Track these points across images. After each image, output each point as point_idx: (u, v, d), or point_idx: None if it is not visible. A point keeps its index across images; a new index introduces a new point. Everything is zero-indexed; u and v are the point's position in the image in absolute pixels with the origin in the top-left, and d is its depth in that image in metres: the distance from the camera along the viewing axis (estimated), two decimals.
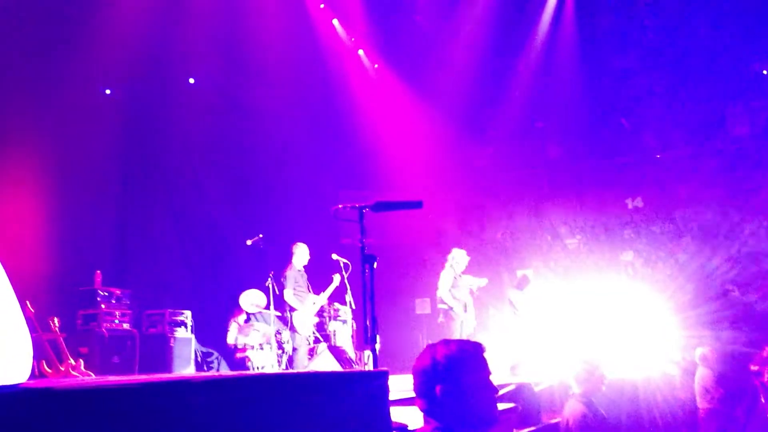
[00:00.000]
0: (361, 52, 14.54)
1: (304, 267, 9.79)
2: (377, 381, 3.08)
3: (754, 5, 13.03)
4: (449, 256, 10.56)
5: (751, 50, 13.46)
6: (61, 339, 8.22)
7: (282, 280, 9.56)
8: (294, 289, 9.51)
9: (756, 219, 13.56)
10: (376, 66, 14.68)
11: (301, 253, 9.72)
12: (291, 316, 9.52)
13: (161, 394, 2.18)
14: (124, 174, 11.63)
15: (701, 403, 9.63)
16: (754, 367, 11.96)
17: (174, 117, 11.80)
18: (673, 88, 13.94)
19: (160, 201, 11.76)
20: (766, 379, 12.18)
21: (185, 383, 2.32)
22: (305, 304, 9.56)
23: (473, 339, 10.05)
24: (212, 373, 9.98)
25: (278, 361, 10.00)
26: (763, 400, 8.41)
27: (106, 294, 9.89)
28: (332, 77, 13.99)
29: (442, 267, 10.61)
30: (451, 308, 10.14)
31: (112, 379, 2.28)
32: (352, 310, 10.11)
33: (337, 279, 9.72)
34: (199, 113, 12.06)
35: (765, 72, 9.91)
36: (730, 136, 13.99)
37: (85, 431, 1.88)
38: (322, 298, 9.83)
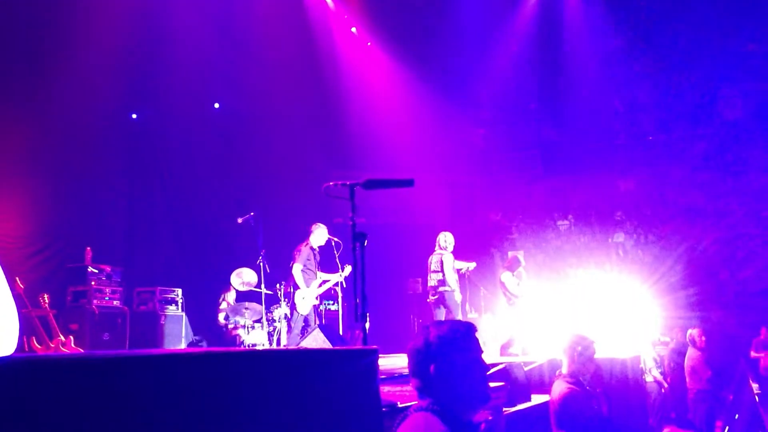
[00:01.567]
0: (353, 29, 14.45)
1: (320, 247, 9.72)
2: (367, 359, 3.07)
3: None
4: (442, 240, 10.56)
5: (745, 33, 13.44)
6: (51, 315, 8.19)
7: (295, 253, 9.51)
8: (304, 265, 9.45)
9: (746, 201, 13.62)
10: (369, 44, 14.59)
11: (319, 233, 9.65)
12: (293, 293, 9.49)
13: (148, 367, 2.17)
14: (115, 151, 11.56)
15: (690, 384, 9.72)
16: (755, 354, 12.08)
17: (164, 94, 11.71)
18: (665, 70, 13.93)
19: (152, 178, 11.71)
20: (763, 368, 12.31)
21: (172, 357, 2.31)
22: (310, 285, 9.52)
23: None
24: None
25: (269, 340, 10.01)
26: (757, 389, 8.47)
27: (97, 271, 9.88)
28: (325, 56, 13.90)
29: (433, 248, 10.62)
30: (453, 291, 10.28)
31: (100, 352, 2.27)
32: (343, 289, 10.09)
33: (348, 268, 9.62)
34: (192, 92, 11.97)
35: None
36: (722, 120, 14.00)
37: (70, 402, 1.87)
38: (330, 282, 9.76)
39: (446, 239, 10.54)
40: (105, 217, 11.37)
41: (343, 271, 9.60)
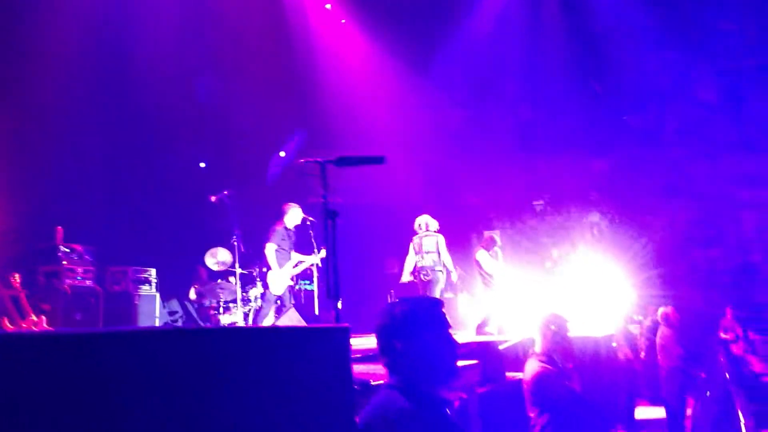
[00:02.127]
0: (328, 6, 14.30)
1: (296, 226, 9.64)
2: (339, 336, 3.05)
3: None
4: (432, 223, 10.64)
5: (720, 15, 13.51)
6: (23, 295, 8.12)
7: (269, 233, 9.43)
8: (278, 245, 9.38)
9: (717, 181, 13.77)
10: (343, 21, 14.45)
11: (293, 213, 9.57)
12: (266, 272, 9.43)
13: (118, 344, 2.14)
14: (86, 127, 11.37)
15: (662, 361, 9.81)
16: (723, 335, 12.25)
17: (137, 65, 11.53)
18: (640, 52, 13.98)
19: (124, 155, 11.53)
20: (734, 350, 12.49)
21: (143, 334, 2.28)
22: (283, 266, 9.46)
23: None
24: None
25: (245, 319, 9.97)
26: (727, 376, 8.57)
27: (68, 250, 9.76)
28: (299, 33, 13.77)
29: (412, 228, 10.67)
30: (448, 272, 10.47)
31: (71, 329, 2.25)
32: (319, 269, 10.07)
33: (323, 253, 9.58)
34: (164, 66, 11.80)
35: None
36: (696, 100, 14.10)
37: (42, 379, 1.84)
38: (306, 264, 9.71)
39: (431, 221, 10.67)
40: (77, 196, 11.21)
41: (318, 253, 9.56)
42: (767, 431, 9.02)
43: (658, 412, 10.56)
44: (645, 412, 11.21)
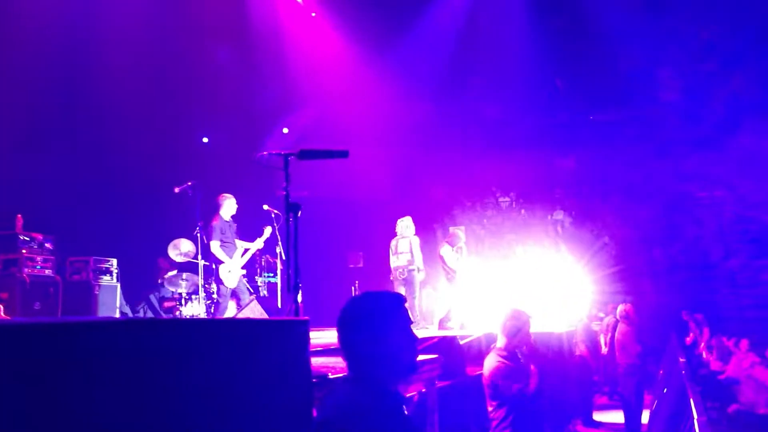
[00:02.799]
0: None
1: (233, 218, 9.58)
2: (298, 329, 3.06)
3: None
4: (407, 225, 10.74)
5: (686, 17, 13.71)
6: None
7: (208, 231, 9.36)
8: (221, 240, 9.32)
9: (679, 181, 14.01)
10: (313, 14, 14.40)
11: (228, 205, 9.50)
12: (217, 268, 9.35)
13: (77, 334, 2.12)
14: (48, 114, 11.18)
15: (620, 358, 9.96)
16: (689, 339, 12.46)
17: (99, 57, 11.36)
18: (605, 51, 14.14)
19: (87, 144, 11.34)
20: (692, 348, 12.71)
21: (101, 324, 2.25)
22: (233, 257, 9.40)
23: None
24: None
25: (206, 311, 9.89)
26: (684, 373, 8.70)
27: (28, 239, 9.58)
28: (267, 24, 13.68)
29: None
30: (421, 271, 10.53)
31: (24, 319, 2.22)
32: (283, 262, 10.02)
33: (268, 230, 9.55)
34: (128, 57, 11.64)
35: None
36: (659, 101, 14.32)
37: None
38: (251, 251, 9.66)
39: (409, 224, 10.77)
40: (37, 184, 11.01)
41: (262, 235, 9.52)
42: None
43: (615, 410, 10.74)
44: (602, 409, 11.39)
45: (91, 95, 11.23)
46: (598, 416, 10.96)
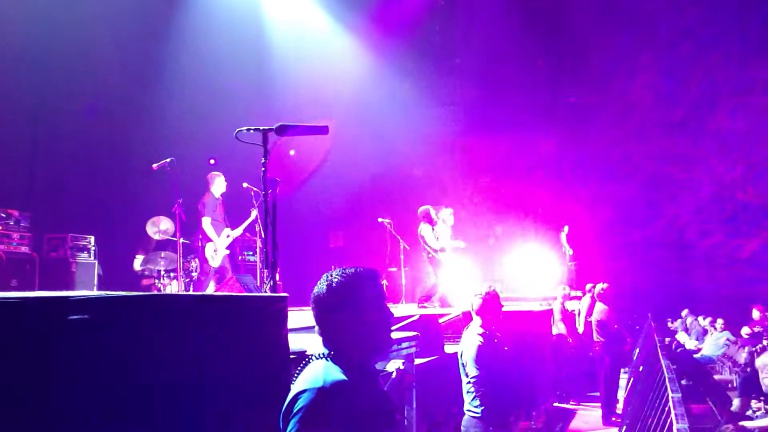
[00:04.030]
0: None
1: (222, 195, 9.55)
2: (275, 305, 3.07)
3: None
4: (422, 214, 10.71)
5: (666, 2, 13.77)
6: None
7: (200, 207, 9.31)
8: (212, 217, 9.28)
9: (656, 161, 14.12)
10: None
11: (218, 183, 9.48)
12: (203, 245, 9.30)
13: (57, 309, 2.12)
14: (26, 91, 11.01)
15: (596, 337, 10.08)
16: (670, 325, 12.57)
17: (80, 38, 11.20)
18: (582, 35, 14.17)
19: (64, 120, 11.19)
20: (668, 327, 12.85)
21: (83, 300, 2.25)
22: (220, 236, 9.37)
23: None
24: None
25: (185, 290, 9.85)
26: (660, 351, 8.83)
27: (4, 215, 9.47)
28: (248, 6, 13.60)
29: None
30: (434, 255, 10.44)
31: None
32: (263, 240, 9.98)
33: (254, 213, 9.48)
34: (106, 33, 11.49)
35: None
36: (642, 83, 14.40)
37: None
38: (237, 231, 9.62)
39: (421, 212, 10.69)
40: (12, 160, 10.88)
41: (249, 218, 9.48)
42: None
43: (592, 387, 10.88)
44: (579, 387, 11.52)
45: (68, 70, 11.07)
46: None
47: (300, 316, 5.33)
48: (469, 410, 5.38)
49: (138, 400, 2.32)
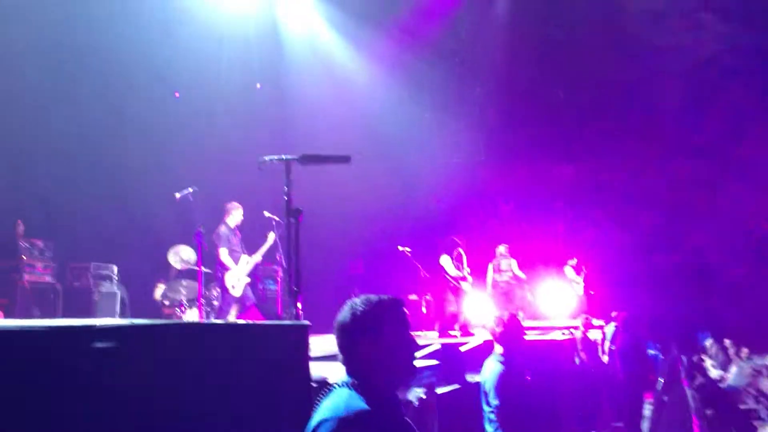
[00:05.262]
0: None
1: (237, 225, 9.53)
2: (297, 333, 3.08)
3: None
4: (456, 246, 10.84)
5: (685, 27, 13.76)
6: None
7: (214, 238, 9.30)
8: (228, 248, 9.26)
9: (678, 188, 14.03)
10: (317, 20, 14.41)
11: (235, 213, 9.46)
12: (223, 276, 9.26)
13: (83, 337, 2.15)
14: (50, 121, 11.20)
15: (621, 366, 9.96)
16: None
17: (101, 69, 11.40)
18: (602, 63, 14.17)
19: (88, 151, 11.36)
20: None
21: (109, 329, 2.27)
22: (238, 264, 9.35)
23: None
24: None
25: (207, 319, 9.87)
26: (684, 380, 8.72)
27: (28, 245, 9.61)
28: (270, 36, 13.77)
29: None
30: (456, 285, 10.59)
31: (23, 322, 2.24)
32: (283, 269, 9.99)
33: (271, 237, 9.45)
34: (128, 66, 11.69)
35: None
36: (658, 107, 14.34)
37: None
38: (256, 257, 9.58)
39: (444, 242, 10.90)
40: (38, 190, 11.04)
41: (265, 242, 9.45)
42: None
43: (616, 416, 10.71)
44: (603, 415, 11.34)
45: (90, 100, 11.24)
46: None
47: (320, 344, 5.33)
48: None
49: (162, 426, 2.33)
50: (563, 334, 11.13)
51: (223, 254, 9.18)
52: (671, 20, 13.65)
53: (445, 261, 10.74)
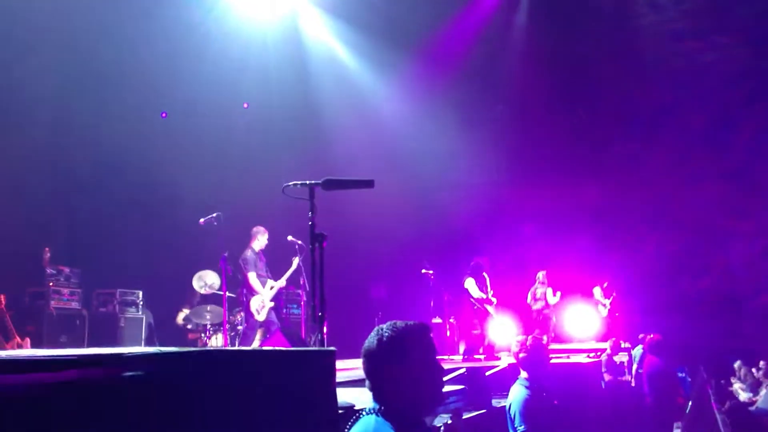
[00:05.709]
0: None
1: (261, 250, 9.57)
2: (324, 360, 3.07)
3: None
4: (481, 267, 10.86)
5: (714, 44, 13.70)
6: (8, 316, 8.07)
7: (242, 263, 9.34)
8: (256, 272, 9.31)
9: (706, 211, 13.88)
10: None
11: (260, 239, 9.53)
12: (248, 300, 9.29)
13: (104, 366, 2.16)
14: (73, 149, 11.36)
15: (648, 390, 9.81)
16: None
17: (126, 93, 11.57)
18: (629, 77, 14.12)
19: (113, 178, 11.50)
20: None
21: (131, 357, 2.28)
22: (264, 288, 9.38)
23: None
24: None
25: (232, 344, 9.90)
26: (713, 404, 8.58)
27: (55, 272, 9.71)
28: (297, 61, 13.93)
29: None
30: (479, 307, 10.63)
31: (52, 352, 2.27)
32: (307, 293, 10.01)
33: (295, 262, 9.50)
34: (152, 90, 11.85)
35: None
36: (684, 129, 14.25)
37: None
38: (281, 282, 9.62)
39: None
40: (64, 217, 11.19)
41: (290, 267, 9.49)
42: None
43: None
44: None
45: (116, 128, 11.39)
46: None
47: (343, 368, 5.32)
48: None
49: None
50: (588, 356, 11.02)
51: (252, 278, 9.24)
52: (697, 41, 13.60)
53: (470, 284, 10.70)
